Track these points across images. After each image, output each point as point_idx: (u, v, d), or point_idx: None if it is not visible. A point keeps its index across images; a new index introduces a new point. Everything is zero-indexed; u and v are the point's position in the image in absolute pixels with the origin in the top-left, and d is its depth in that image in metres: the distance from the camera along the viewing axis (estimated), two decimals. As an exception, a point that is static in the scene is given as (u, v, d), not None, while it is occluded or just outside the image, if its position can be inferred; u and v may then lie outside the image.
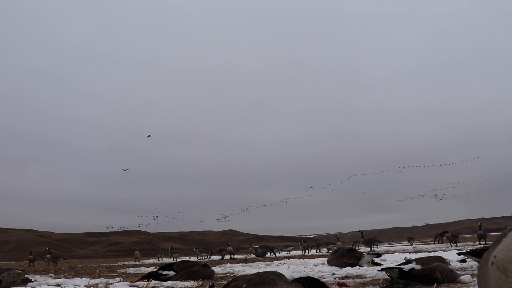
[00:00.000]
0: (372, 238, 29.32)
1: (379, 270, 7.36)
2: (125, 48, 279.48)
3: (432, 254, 11.98)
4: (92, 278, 11.15)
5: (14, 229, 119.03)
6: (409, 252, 17.28)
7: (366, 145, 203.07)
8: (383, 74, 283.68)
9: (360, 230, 28.70)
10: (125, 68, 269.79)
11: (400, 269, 6.38)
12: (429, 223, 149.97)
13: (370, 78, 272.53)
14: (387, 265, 9.19)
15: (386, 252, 18.89)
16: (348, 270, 9.04)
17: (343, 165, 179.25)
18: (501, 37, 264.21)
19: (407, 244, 41.82)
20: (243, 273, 10.07)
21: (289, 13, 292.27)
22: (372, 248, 28.21)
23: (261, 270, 9.35)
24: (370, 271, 8.55)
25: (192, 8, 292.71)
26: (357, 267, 9.69)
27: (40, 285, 8.45)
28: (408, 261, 6.97)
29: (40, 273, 15.61)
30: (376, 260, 10.46)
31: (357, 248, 20.22)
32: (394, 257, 12.99)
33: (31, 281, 9.93)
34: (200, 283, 8.39)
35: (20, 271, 10.35)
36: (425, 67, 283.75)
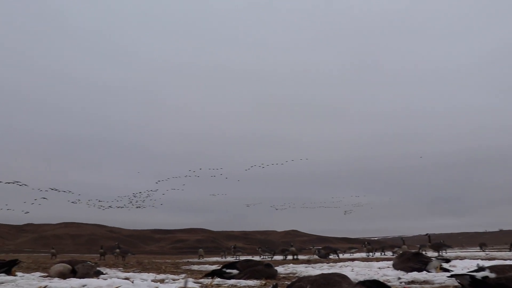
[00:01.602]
0: (440, 242, 28.21)
1: (448, 277, 7.03)
2: (187, 54, 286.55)
3: (508, 262, 11.32)
4: (158, 273, 11.50)
5: (87, 224, 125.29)
6: (481, 259, 16.35)
7: (436, 145, 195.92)
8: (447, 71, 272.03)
9: (427, 234, 27.63)
10: (187, 72, 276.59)
11: (472, 277, 6.01)
12: (504, 229, 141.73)
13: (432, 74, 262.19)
14: (457, 271, 8.79)
15: (456, 258, 18.02)
16: (414, 275, 8.74)
17: (410, 166, 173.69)
18: None
19: (479, 250, 39.78)
20: (306, 274, 10.01)
21: (356, 11, 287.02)
22: (440, 253, 27.15)
23: (324, 272, 9.25)
24: (438, 277, 8.20)
25: (257, 9, 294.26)
26: (425, 272, 9.33)
27: (111, 277, 8.80)
28: (480, 269, 6.55)
29: (110, 266, 16.31)
30: (445, 265, 10.02)
31: (424, 253, 19.52)
32: (465, 263, 12.40)
33: (102, 273, 10.39)
34: (263, 282, 8.42)
35: (93, 264, 10.86)
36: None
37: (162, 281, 8.82)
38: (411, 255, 10.53)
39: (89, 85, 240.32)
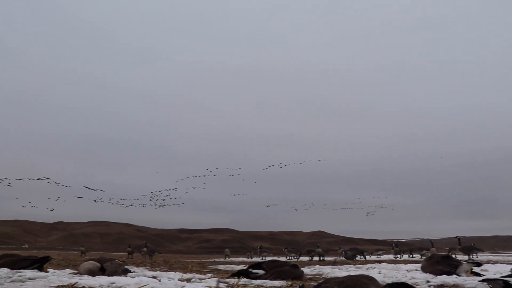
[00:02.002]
0: (471, 245, 27.54)
1: (480, 281, 6.87)
2: (219, 55, 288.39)
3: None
4: (185, 272, 11.58)
5: (115, 223, 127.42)
6: (514, 263, 15.90)
7: (468, 144, 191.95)
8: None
9: (457, 236, 27.00)
10: (219, 73, 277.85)
11: (506, 282, 5.84)
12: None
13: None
14: (489, 276, 8.57)
15: (487, 262, 17.51)
16: (444, 279, 8.55)
17: (439, 166, 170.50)
18: None
19: (512, 254, 38.80)
20: (333, 275, 9.92)
21: (383, 12, 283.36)
22: (471, 257, 26.53)
23: (351, 273, 9.16)
24: (469, 281, 8.00)
25: (280, 9, 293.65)
26: (454, 275, 9.12)
27: (138, 276, 8.91)
28: (514, 273, 6.40)
29: (138, 265, 16.50)
30: (476, 269, 9.77)
31: (453, 256, 19.13)
32: (497, 267, 12.05)
33: (130, 271, 10.52)
34: (289, 283, 8.38)
35: (121, 262, 11.01)
36: None
37: (188, 280, 8.87)
38: (441, 258, 10.32)
39: (113, 87, 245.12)
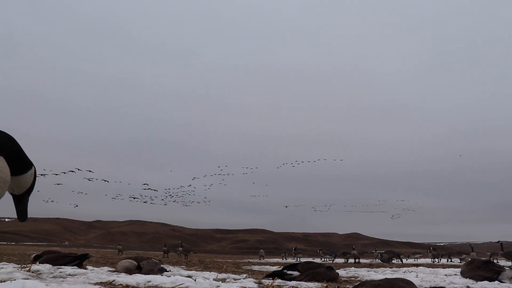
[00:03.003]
0: (513, 250, 26.62)
1: (523, 287, 6.63)
2: (250, 55, 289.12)
3: None
4: (220, 272, 11.64)
5: (151, 222, 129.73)
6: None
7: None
8: None
9: (499, 241, 26.11)
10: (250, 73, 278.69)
11: (550, 288, 5.65)
12: None
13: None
14: (532, 282, 8.26)
15: (531, 268, 16.93)
16: (485, 285, 8.28)
17: (479, 168, 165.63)
18: None
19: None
20: (368, 278, 9.78)
21: (422, 11, 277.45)
22: (513, 262, 25.69)
23: (388, 276, 9.00)
24: (511, 288, 7.75)
25: (315, 9, 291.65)
26: (496, 282, 8.81)
27: (174, 275, 9.01)
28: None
29: (173, 264, 16.70)
30: (520, 275, 9.44)
31: (495, 261, 18.52)
32: (542, 274, 11.63)
33: (166, 270, 10.66)
34: (325, 285, 8.31)
35: (157, 261, 11.17)
36: None
37: (223, 280, 8.91)
38: (481, 263, 10.00)
39: (150, 90, 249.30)
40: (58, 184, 35.65)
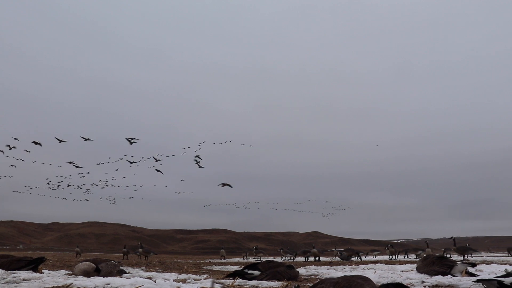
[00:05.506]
0: (465, 246, 27.57)
1: (474, 281, 6.90)
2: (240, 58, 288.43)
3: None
4: (180, 273, 11.57)
5: (111, 223, 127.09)
6: (510, 264, 15.90)
7: (463, 146, 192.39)
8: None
9: (452, 237, 27.04)
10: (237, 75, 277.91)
11: (500, 282, 5.86)
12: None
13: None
14: (483, 276, 8.59)
15: (482, 262, 17.57)
16: (439, 279, 8.57)
17: (436, 168, 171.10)
18: None
19: (507, 255, 38.85)
20: (328, 276, 9.94)
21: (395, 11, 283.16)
22: (466, 257, 26.62)
23: (347, 274, 9.17)
24: (463, 282, 8.02)
25: (292, 11, 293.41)
26: (449, 276, 9.13)
27: (133, 276, 8.90)
28: (509, 274, 6.38)
29: (133, 265, 16.48)
30: (471, 270, 9.80)
31: (448, 256, 19.16)
32: (492, 268, 12.09)
33: (125, 272, 10.52)
34: (285, 284, 8.39)
35: (116, 263, 10.99)
36: None
37: (184, 281, 8.86)
38: (436, 258, 10.34)
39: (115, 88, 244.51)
40: None
